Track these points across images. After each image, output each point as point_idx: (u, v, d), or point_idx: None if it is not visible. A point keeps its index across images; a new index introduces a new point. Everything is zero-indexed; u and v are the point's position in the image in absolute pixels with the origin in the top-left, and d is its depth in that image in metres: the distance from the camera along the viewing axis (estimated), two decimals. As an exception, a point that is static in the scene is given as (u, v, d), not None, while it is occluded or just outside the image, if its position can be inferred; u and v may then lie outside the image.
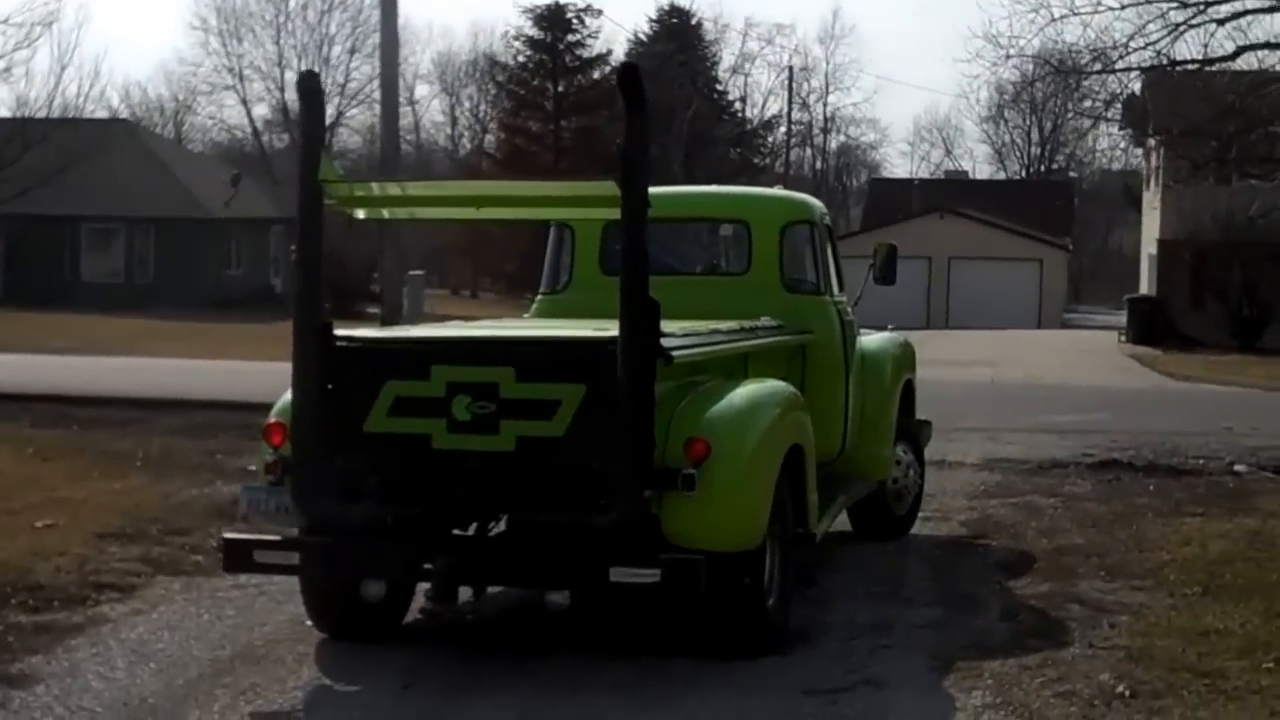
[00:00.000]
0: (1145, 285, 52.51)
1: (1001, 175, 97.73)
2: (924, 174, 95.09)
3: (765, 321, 10.04)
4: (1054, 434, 19.96)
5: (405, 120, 73.76)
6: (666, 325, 8.04)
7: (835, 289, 11.05)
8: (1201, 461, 17.09)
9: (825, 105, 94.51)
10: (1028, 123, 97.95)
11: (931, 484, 15.01)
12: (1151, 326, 45.06)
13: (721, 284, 10.80)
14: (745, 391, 8.25)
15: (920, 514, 13.30)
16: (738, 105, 78.09)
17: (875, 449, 11.68)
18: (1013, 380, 30.30)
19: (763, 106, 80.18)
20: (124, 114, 77.57)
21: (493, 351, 7.98)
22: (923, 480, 12.70)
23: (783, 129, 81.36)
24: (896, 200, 77.82)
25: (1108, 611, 9.52)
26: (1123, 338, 46.43)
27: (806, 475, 8.75)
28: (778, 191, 11.58)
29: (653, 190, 7.74)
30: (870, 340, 11.99)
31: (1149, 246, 52.64)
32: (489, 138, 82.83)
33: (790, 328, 10.28)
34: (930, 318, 63.85)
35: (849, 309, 11.37)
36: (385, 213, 10.32)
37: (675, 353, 7.69)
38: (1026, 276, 66.39)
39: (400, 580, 8.39)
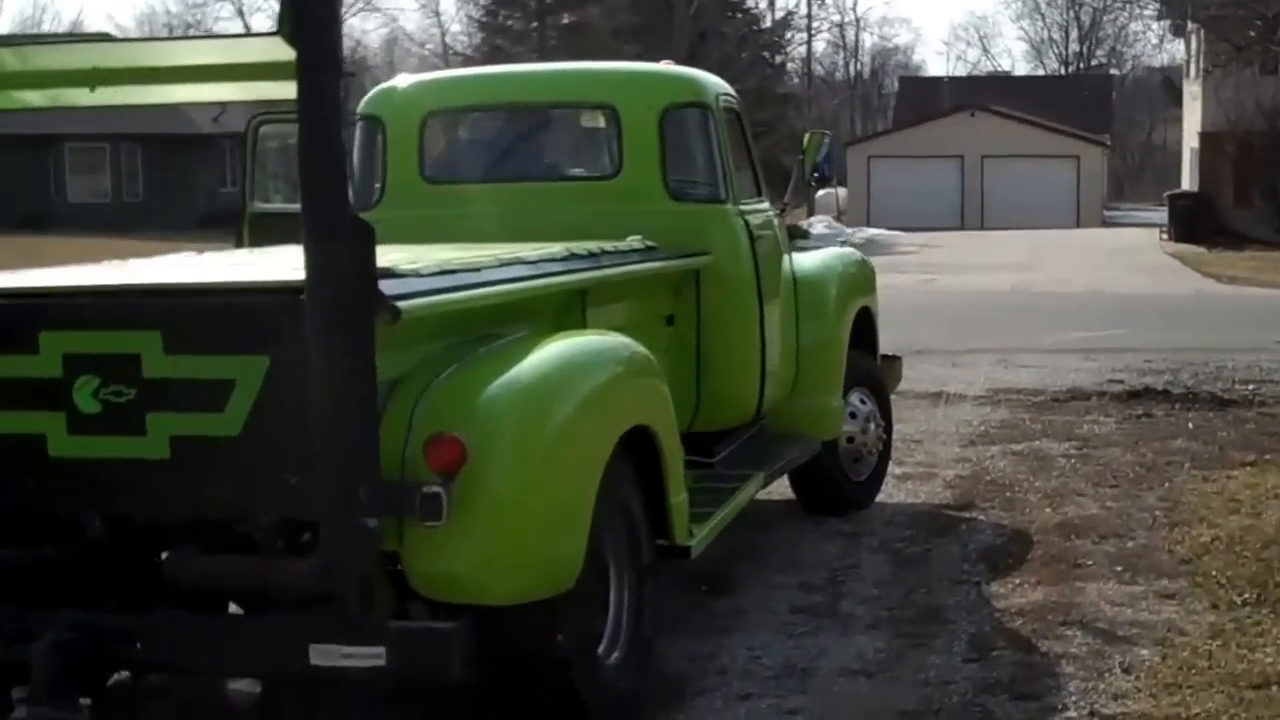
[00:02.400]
0: (1187, 181, 50.10)
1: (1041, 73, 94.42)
2: (960, 75, 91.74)
3: (630, 243, 7.19)
4: (1077, 354, 17.10)
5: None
6: (419, 255, 5.47)
7: (744, 195, 8.17)
8: (1251, 388, 14.21)
9: (855, 6, 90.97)
10: (1065, 18, 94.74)
11: (922, 425, 12.28)
12: (1194, 224, 42.45)
13: (582, 192, 7.92)
14: (543, 356, 5.39)
15: (899, 469, 10.51)
16: (752, 1, 73.92)
17: (818, 399, 8.85)
18: (1038, 287, 27.39)
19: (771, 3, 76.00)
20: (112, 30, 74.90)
21: (129, 308, 5.05)
22: (889, 434, 9.84)
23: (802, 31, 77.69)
24: (927, 99, 74.82)
25: (1122, 640, 6.70)
26: (1164, 236, 43.99)
27: (664, 467, 5.95)
28: (659, 67, 8.60)
29: (488, 69, 5.15)
30: (807, 260, 9.12)
31: (1190, 140, 50.15)
32: (464, 38, 77.96)
33: (671, 250, 7.42)
34: (964, 219, 61.55)
35: (773, 220, 8.50)
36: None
37: (406, 303, 4.85)
38: (1063, 174, 63.43)
39: None
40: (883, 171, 63.14)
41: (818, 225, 50.12)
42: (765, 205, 8.44)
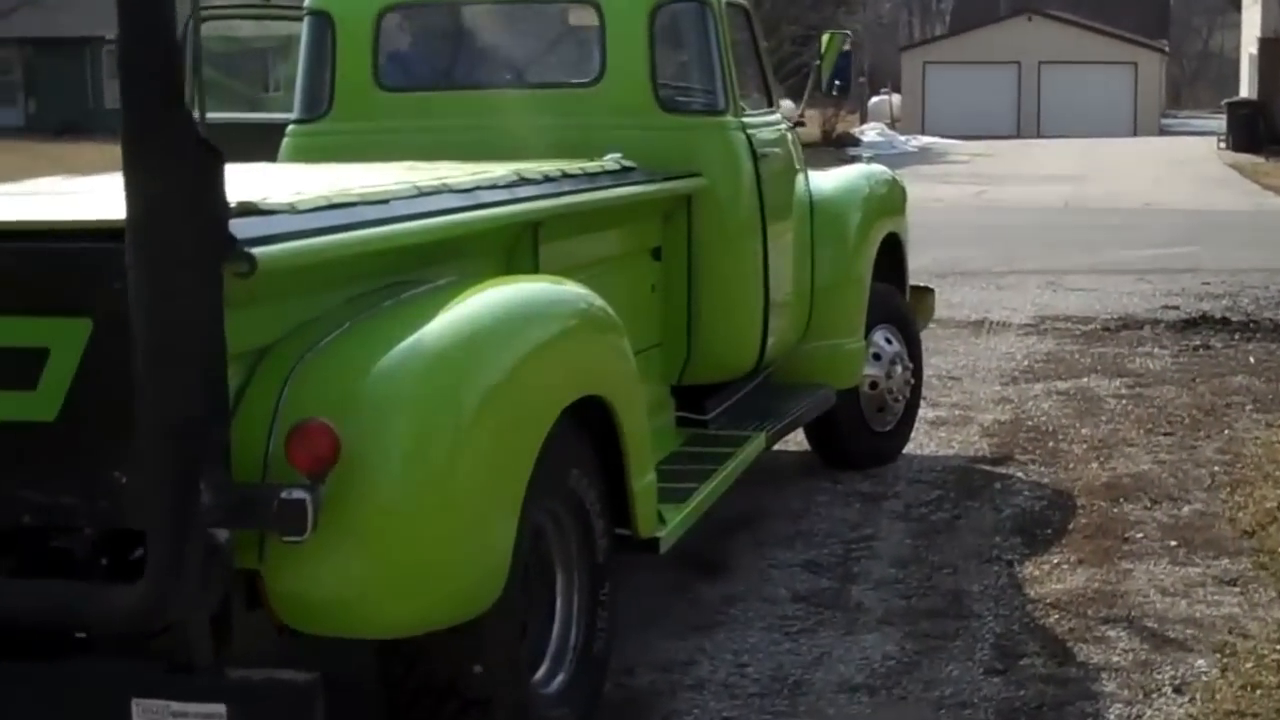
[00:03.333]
0: (1246, 88, 48.33)
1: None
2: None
3: (604, 163, 6.11)
4: (1131, 275, 15.98)
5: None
6: (312, 182, 4.58)
7: (751, 106, 7.08)
8: (1318, 317, 13.08)
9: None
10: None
11: (960, 358, 11.22)
12: (1253, 132, 40.88)
13: (559, 101, 6.82)
14: (459, 313, 4.30)
15: (932, 412, 9.49)
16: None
17: (835, 342, 7.80)
18: (1092, 201, 26.13)
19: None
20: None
21: None
22: (918, 376, 8.76)
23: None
24: (985, 4, 72.95)
25: (1175, 646, 5.64)
26: (1222, 145, 42.41)
27: (624, 446, 4.91)
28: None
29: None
30: (827, 180, 8.03)
31: (1249, 46, 48.37)
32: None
33: (655, 172, 6.35)
34: (1020, 127, 60.14)
35: (785, 135, 7.41)
36: None
37: (266, 249, 3.79)
38: (1120, 81, 61.71)
39: None
40: (938, 78, 61.58)
41: (869, 133, 48.85)
42: (775, 118, 7.36)
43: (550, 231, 5.33)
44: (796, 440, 8.27)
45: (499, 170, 5.32)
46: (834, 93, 7.99)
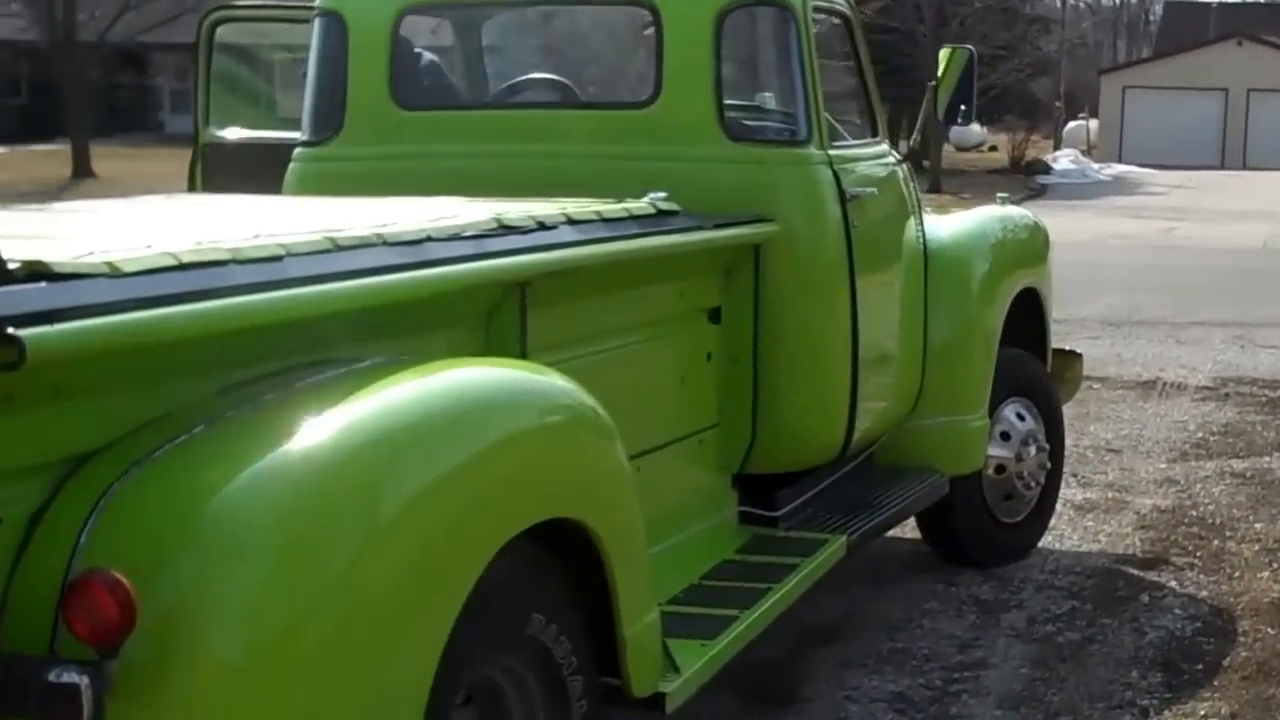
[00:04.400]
0: None
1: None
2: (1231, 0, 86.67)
3: (639, 205, 4.89)
4: (1332, 334, 14.36)
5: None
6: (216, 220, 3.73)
7: (843, 134, 5.83)
8: None
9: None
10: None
11: (1124, 427, 9.86)
12: None
13: (606, 125, 5.62)
14: (359, 413, 3.10)
15: (1081, 493, 8.21)
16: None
17: (951, 416, 6.53)
18: (1295, 243, 24.33)
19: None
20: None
21: None
22: (1057, 460, 7.42)
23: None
24: (1193, 26, 70.59)
25: None
26: None
27: (611, 581, 3.71)
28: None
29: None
30: (948, 225, 6.75)
31: None
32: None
33: (706, 216, 5.12)
34: (1224, 158, 57.68)
35: (892, 169, 6.16)
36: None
37: (37, 331, 2.63)
38: (1340, 113, 59.02)
39: None
40: (1138, 103, 59.38)
41: (1062, 160, 47.03)
42: (878, 149, 6.10)
43: (544, 294, 4.15)
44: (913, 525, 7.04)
45: (480, 214, 4.14)
46: (957, 120, 6.68)
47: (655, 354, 4.97)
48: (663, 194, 4.99)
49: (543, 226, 4.22)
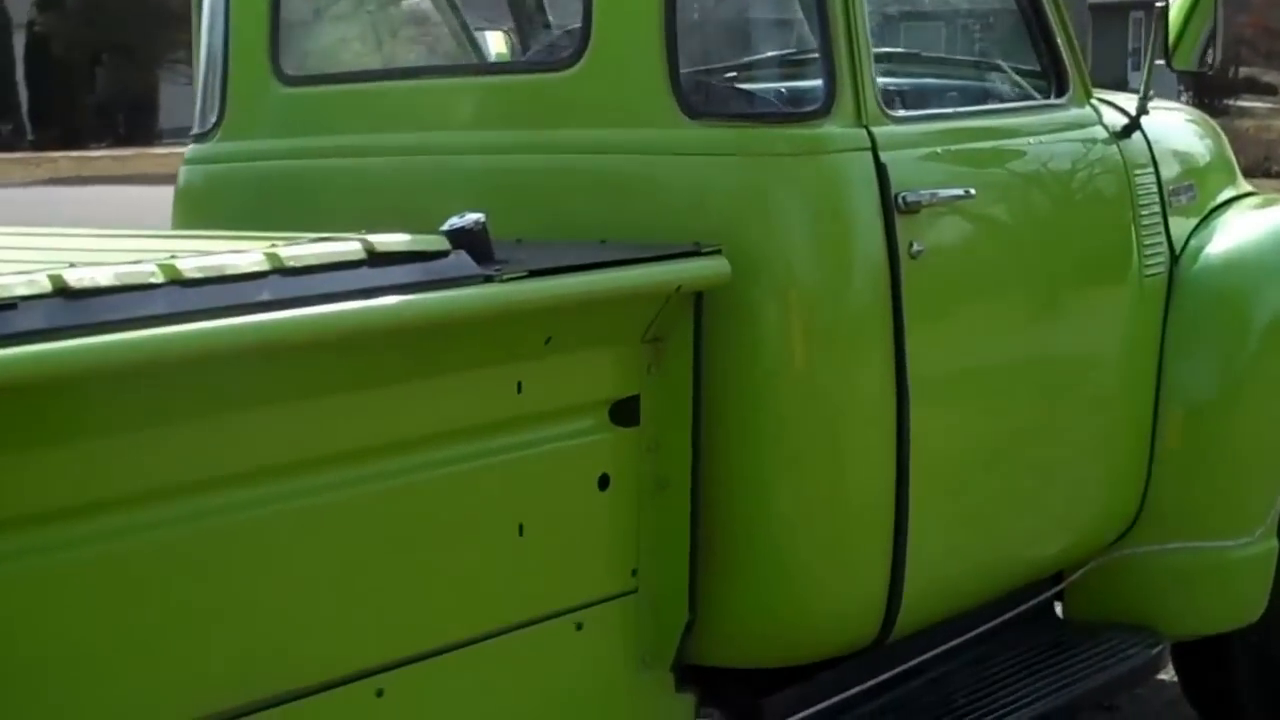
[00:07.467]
0: None
1: None
2: None
3: (393, 242, 2.76)
4: None
5: None
6: None
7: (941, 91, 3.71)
8: None
9: None
10: None
11: None
12: None
13: (526, 96, 3.57)
14: None
15: None
16: None
17: (1203, 541, 4.16)
18: None
19: None
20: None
21: None
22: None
23: None
24: None
25: None
26: None
27: None
28: None
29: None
30: (1227, 234, 4.27)
31: None
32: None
33: (637, 246, 3.10)
34: None
35: (1082, 146, 3.86)
36: None
37: None
38: None
39: None
40: None
41: None
42: (1067, 115, 3.87)
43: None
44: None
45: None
46: (1200, 67, 4.21)
47: (447, 488, 2.88)
48: (476, 217, 2.87)
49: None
